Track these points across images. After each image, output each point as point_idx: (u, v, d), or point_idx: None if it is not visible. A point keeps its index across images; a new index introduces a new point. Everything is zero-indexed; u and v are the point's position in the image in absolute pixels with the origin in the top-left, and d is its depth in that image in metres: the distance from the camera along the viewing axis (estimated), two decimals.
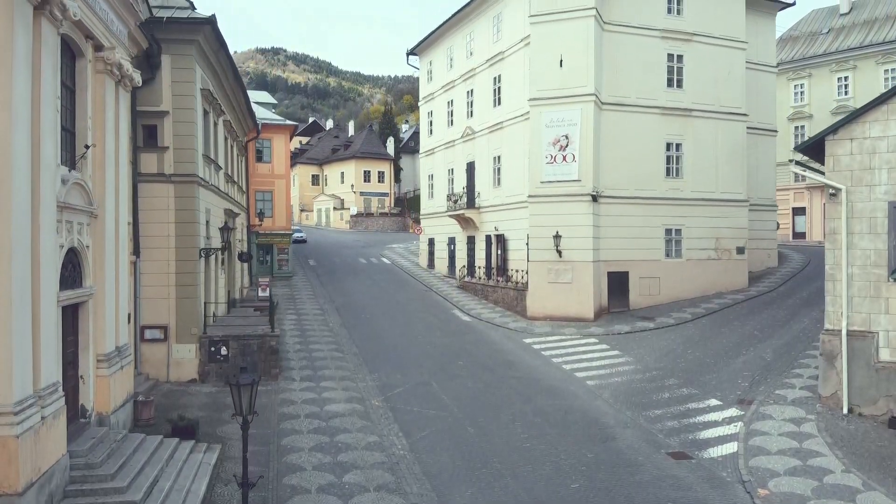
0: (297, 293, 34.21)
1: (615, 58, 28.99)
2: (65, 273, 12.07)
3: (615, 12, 28.99)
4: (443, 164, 40.26)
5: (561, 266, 27.65)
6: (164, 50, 18.62)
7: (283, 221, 38.95)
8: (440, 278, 38.78)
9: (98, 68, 13.54)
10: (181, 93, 19.02)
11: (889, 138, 16.45)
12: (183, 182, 18.99)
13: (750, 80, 33.28)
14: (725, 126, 31.19)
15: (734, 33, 31.31)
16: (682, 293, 30.06)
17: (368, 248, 53.95)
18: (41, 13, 10.27)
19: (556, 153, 28.05)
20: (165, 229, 18.86)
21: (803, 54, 49.95)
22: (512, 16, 31.76)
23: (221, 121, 24.26)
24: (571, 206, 27.67)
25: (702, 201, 30.60)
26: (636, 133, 29.40)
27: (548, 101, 28.11)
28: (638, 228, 29.29)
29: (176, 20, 18.39)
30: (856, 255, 16.79)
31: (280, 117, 42.64)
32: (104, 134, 13.67)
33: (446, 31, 38.96)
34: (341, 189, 77.46)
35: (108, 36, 13.75)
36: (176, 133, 18.97)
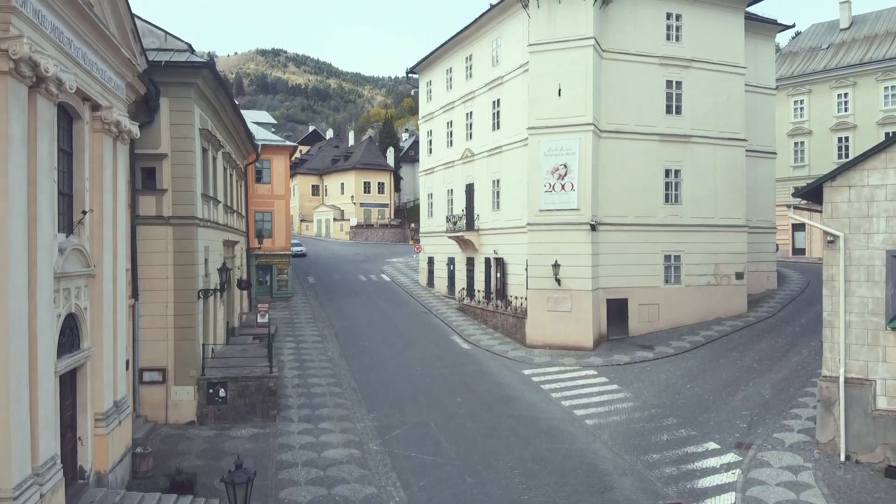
0: (296, 316, 34.23)
1: (614, 85, 29.01)
2: (63, 340, 12.11)
3: (614, 40, 29.00)
4: (442, 184, 40.28)
5: (560, 294, 27.66)
6: (162, 93, 18.65)
7: (282, 242, 38.97)
8: (439, 298, 38.80)
9: (96, 128, 13.58)
10: (180, 135, 19.03)
11: (888, 187, 16.47)
12: (182, 225, 18.99)
13: (749, 102, 33.34)
14: (724, 152, 31.21)
15: (733, 59, 31.32)
16: (682, 319, 30.07)
17: (368, 263, 53.98)
18: (37, 91, 10.31)
19: (554, 182, 28.06)
20: (164, 272, 18.87)
21: (803, 70, 49.94)
22: (510, 41, 31.77)
23: (220, 154, 24.28)
24: (570, 235, 27.69)
25: (701, 227, 30.61)
26: (635, 160, 29.43)
27: (546, 130, 28.12)
28: (637, 255, 29.31)
29: (174, 64, 18.40)
30: (853, 303, 16.80)
31: (279, 138, 42.64)
32: (102, 193, 13.70)
33: (445, 52, 38.97)
34: (341, 200, 77.50)
35: (106, 94, 13.79)
36: (175, 175, 18.98)
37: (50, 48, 10.74)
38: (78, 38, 12.03)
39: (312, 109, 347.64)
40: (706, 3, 30.61)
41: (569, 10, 27.63)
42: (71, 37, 11.69)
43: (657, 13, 29.75)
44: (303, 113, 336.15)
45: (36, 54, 9.79)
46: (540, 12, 28.15)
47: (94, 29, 12.50)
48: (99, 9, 12.89)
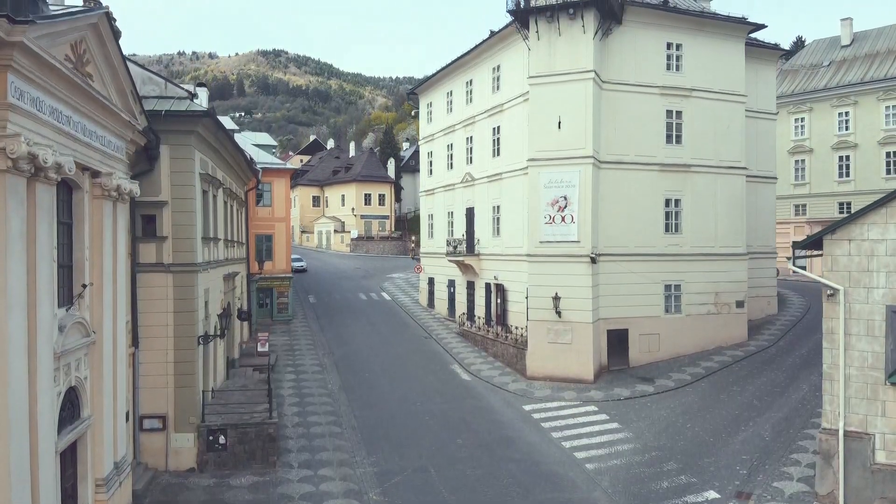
0: (296, 342, 34.25)
1: (614, 115, 29.01)
2: (63, 414, 12.13)
3: (614, 71, 29.00)
4: (442, 206, 40.30)
5: (560, 326, 27.67)
6: (162, 140, 18.63)
7: (283, 264, 39.02)
8: (440, 321, 38.83)
9: (95, 194, 13.62)
10: (180, 182, 19.05)
11: (888, 242, 16.46)
12: (182, 272, 19.01)
13: (749, 127, 33.34)
14: (725, 180, 31.21)
15: (734, 87, 31.31)
16: (682, 349, 30.07)
17: (368, 280, 54.00)
18: (36, 179, 10.33)
19: (554, 214, 28.07)
20: (164, 319, 18.88)
21: (804, 88, 49.92)
22: (510, 69, 31.77)
23: (221, 191, 24.29)
24: (570, 267, 27.69)
25: (701, 256, 30.61)
26: (635, 190, 29.43)
27: (546, 163, 28.13)
28: (637, 285, 29.31)
29: (175, 113, 18.43)
30: (853, 357, 16.79)
31: (280, 161, 42.70)
32: (102, 258, 13.73)
33: (446, 76, 38.99)
34: (342, 211, 77.54)
35: (106, 160, 13.81)
36: (175, 223, 19.00)
37: (48, 132, 10.78)
38: (78, 113, 12.05)
39: (313, 111, 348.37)
40: (707, 33, 30.61)
41: (569, 43, 27.63)
42: (70, 114, 11.72)
43: (657, 43, 29.74)
44: (303, 114, 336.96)
45: (35, 147, 9.81)
46: (540, 44, 28.15)
47: (94, 102, 12.53)
48: (98, 79, 12.91)
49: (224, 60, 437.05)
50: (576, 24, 27.44)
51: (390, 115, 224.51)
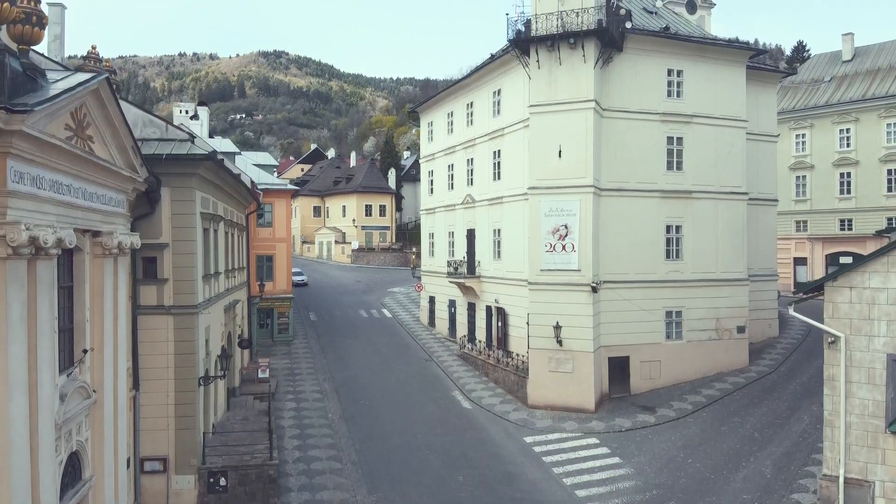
0: (296, 365, 34.24)
1: (615, 143, 29.00)
2: (65, 480, 12.14)
3: (614, 98, 28.99)
4: (443, 225, 40.30)
5: (561, 355, 27.66)
6: (163, 183, 18.63)
7: (283, 284, 39.02)
8: (440, 341, 38.83)
9: (96, 253, 13.63)
10: (181, 224, 19.04)
11: (889, 290, 16.45)
12: (182, 314, 19.01)
13: (750, 149, 33.32)
14: (726, 206, 31.18)
15: (735, 112, 31.30)
16: (683, 375, 30.05)
17: (369, 295, 53.99)
18: (36, 258, 10.33)
19: (555, 242, 28.06)
20: (165, 361, 18.88)
21: (805, 104, 49.88)
22: (511, 94, 31.77)
23: (222, 224, 24.29)
24: (571, 296, 27.68)
25: (702, 282, 30.58)
26: (636, 217, 29.42)
27: (547, 191, 28.12)
28: (638, 312, 29.29)
29: (175, 157, 18.40)
30: (854, 404, 16.80)
31: (281, 181, 42.68)
32: (102, 317, 13.73)
33: (446, 97, 39.02)
34: (343, 222, 77.57)
35: (107, 219, 13.82)
36: (176, 265, 18.99)
37: (49, 207, 10.79)
38: (79, 180, 12.06)
39: (314, 113, 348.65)
40: (708, 59, 30.59)
41: (569, 72, 27.62)
42: (71, 182, 11.73)
43: (658, 69, 29.73)
44: (304, 116, 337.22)
45: (35, 229, 9.81)
46: (540, 73, 28.14)
47: (95, 167, 12.53)
48: (99, 140, 12.93)
49: (225, 61, 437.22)
50: (576, 54, 27.42)
51: (391, 118, 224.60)
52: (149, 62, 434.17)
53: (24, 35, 10.44)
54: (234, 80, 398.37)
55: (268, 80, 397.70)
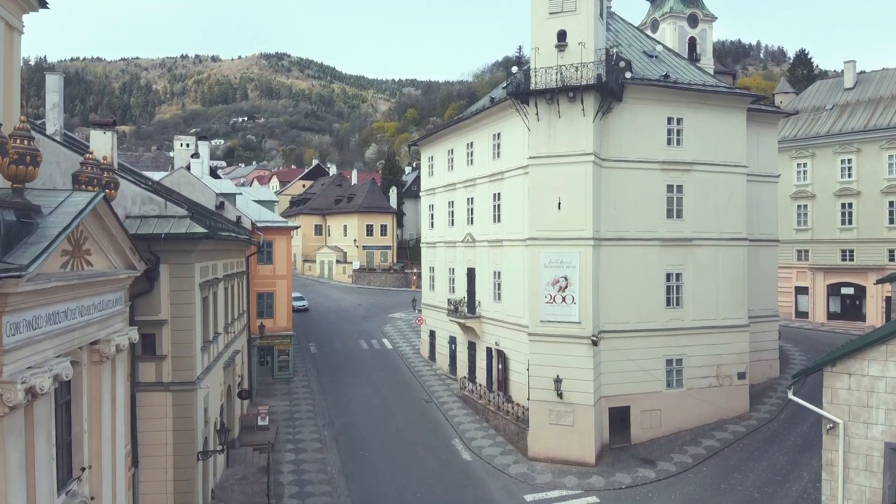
0: (296, 407, 34.23)
1: (614, 192, 28.95)
2: None
3: (614, 148, 28.95)
4: (444, 261, 40.30)
5: (562, 408, 27.63)
6: (162, 259, 18.70)
7: (283, 321, 39.05)
8: (441, 378, 38.82)
9: (94, 360, 13.62)
10: (180, 301, 19.07)
11: (887, 379, 16.39)
12: (181, 391, 19.04)
13: (751, 191, 33.29)
14: (726, 252, 31.12)
15: (735, 158, 31.24)
16: (684, 423, 30.00)
17: (370, 320, 54.00)
18: (34, 400, 10.32)
19: (555, 293, 28.04)
20: (163, 437, 18.91)
21: (806, 133, 49.77)
22: (511, 139, 31.74)
23: (221, 284, 24.31)
24: (572, 348, 27.64)
25: (703, 329, 30.52)
26: (636, 265, 29.37)
27: (546, 242, 28.10)
28: (639, 361, 29.24)
29: (174, 236, 18.43)
30: (851, 490, 16.75)
31: (281, 219, 42.67)
32: (101, 425, 13.73)
33: (447, 134, 39.03)
34: (344, 241, 77.63)
35: (105, 323, 13.82)
36: (175, 341, 19.03)
37: (45, 343, 10.78)
38: (76, 301, 12.06)
39: (316, 116, 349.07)
40: (708, 106, 30.54)
41: (568, 125, 27.59)
42: (68, 306, 11.73)
43: (658, 118, 29.68)
44: (306, 119, 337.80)
45: (31, 377, 9.81)
46: (539, 125, 28.11)
47: (93, 285, 12.53)
48: (97, 250, 12.93)
49: (227, 63, 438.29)
50: (575, 107, 27.39)
51: (392, 124, 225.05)
52: (151, 64, 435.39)
53: (18, 175, 10.45)
54: (236, 83, 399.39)
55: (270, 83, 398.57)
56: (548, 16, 27.65)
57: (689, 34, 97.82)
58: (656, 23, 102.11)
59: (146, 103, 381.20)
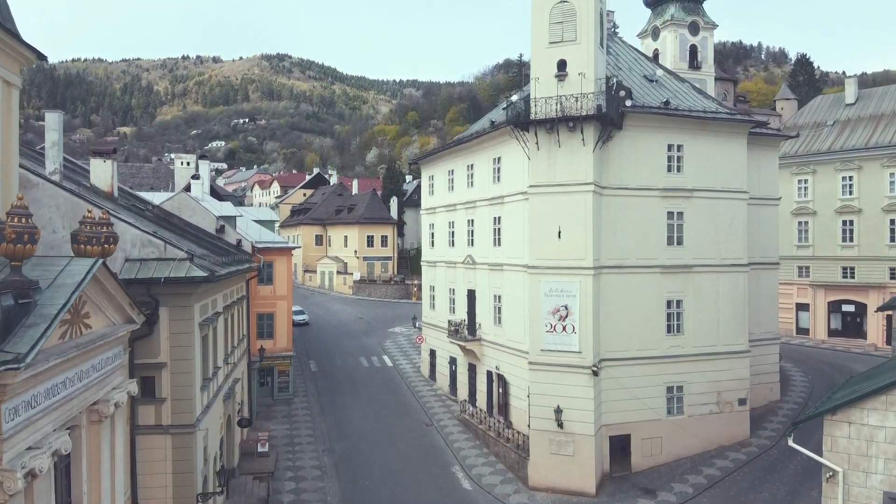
0: (296, 431, 34.19)
1: (615, 220, 28.92)
2: None
3: (614, 176, 28.91)
4: (444, 281, 40.28)
5: (562, 438, 27.60)
6: (162, 303, 18.68)
7: (284, 342, 39.04)
8: (441, 399, 38.81)
9: (93, 420, 13.61)
10: (180, 344, 19.03)
11: (887, 429, 16.36)
12: (181, 433, 19.01)
13: (751, 214, 33.22)
14: (727, 278, 31.08)
15: (736, 184, 31.20)
16: (684, 451, 29.95)
17: (370, 335, 53.99)
18: (33, 480, 10.31)
19: (555, 322, 28.01)
20: (163, 480, 18.87)
21: (807, 149, 49.72)
22: (511, 164, 31.70)
23: (221, 318, 24.29)
24: (572, 378, 27.61)
25: (703, 356, 30.48)
26: (636, 293, 29.33)
27: (547, 271, 28.08)
28: (640, 389, 29.20)
29: (174, 280, 18.40)
30: None
31: (282, 239, 42.66)
32: (100, 481, 13.72)
33: (447, 155, 39.03)
34: (344, 252, 77.67)
35: (104, 384, 13.81)
36: (174, 384, 19.00)
37: (44, 420, 10.77)
38: (75, 367, 12.05)
39: (317, 117, 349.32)
40: (708, 132, 30.52)
41: (568, 155, 27.58)
42: (66, 375, 11.72)
43: (658, 145, 29.65)
44: (307, 121, 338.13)
45: (30, 459, 9.80)
46: (539, 154, 28.10)
47: (92, 350, 12.52)
48: (96, 313, 12.92)
49: (228, 65, 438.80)
50: (575, 136, 27.37)
51: (393, 128, 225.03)
52: (152, 65, 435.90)
53: (16, 253, 10.44)
54: (236, 84, 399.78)
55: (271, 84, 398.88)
56: (548, 45, 27.63)
57: (690, 42, 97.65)
58: (657, 30, 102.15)
59: (147, 104, 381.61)
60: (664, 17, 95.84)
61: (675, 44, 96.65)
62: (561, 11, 27.39)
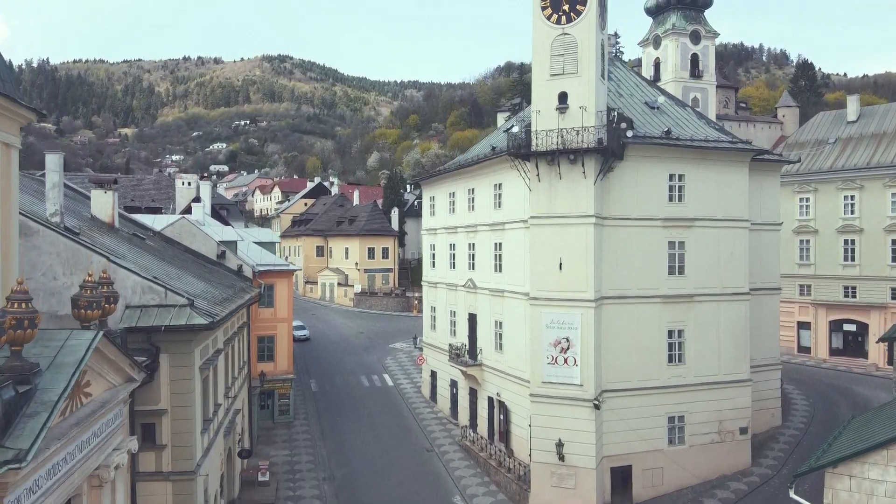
0: (297, 457, 34.11)
1: (616, 250, 28.85)
2: None
3: (615, 206, 28.85)
4: (445, 302, 40.24)
5: (564, 471, 27.55)
6: (162, 349, 18.68)
7: (284, 365, 39.00)
8: (442, 422, 38.76)
9: (93, 485, 13.58)
10: (180, 390, 19.02)
11: (887, 483, 16.33)
12: (181, 480, 19.00)
13: (753, 240, 33.11)
14: (728, 307, 31.02)
15: (737, 213, 31.13)
16: (686, 481, 29.88)
17: (371, 352, 53.98)
18: None
19: (557, 354, 27.97)
20: None
21: (809, 167, 49.64)
22: (512, 191, 31.62)
23: (222, 355, 24.27)
24: (574, 411, 27.57)
25: (705, 385, 30.40)
26: (638, 323, 29.28)
27: (548, 303, 28.04)
28: (641, 419, 29.13)
29: (174, 328, 18.39)
30: None
31: (283, 261, 42.61)
32: None
33: (448, 178, 38.99)
34: (345, 264, 77.67)
35: (104, 447, 13.77)
36: (174, 431, 18.99)
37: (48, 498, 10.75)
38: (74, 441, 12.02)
39: (318, 119, 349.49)
40: (710, 161, 30.44)
41: (569, 187, 27.54)
42: (68, 449, 11.68)
43: (660, 175, 29.59)
44: (308, 122, 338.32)
45: None
46: (540, 186, 28.06)
47: (93, 420, 12.49)
48: (97, 380, 12.89)
49: (230, 65, 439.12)
50: (576, 168, 27.32)
51: (394, 131, 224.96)
52: (153, 66, 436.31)
53: (16, 339, 10.41)
54: (238, 85, 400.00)
55: (272, 86, 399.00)
56: (549, 77, 27.60)
57: (691, 51, 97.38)
58: (658, 39, 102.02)
59: (148, 106, 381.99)
60: (665, 26, 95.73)
61: (677, 53, 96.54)
62: (562, 44, 27.34)
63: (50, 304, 18.44)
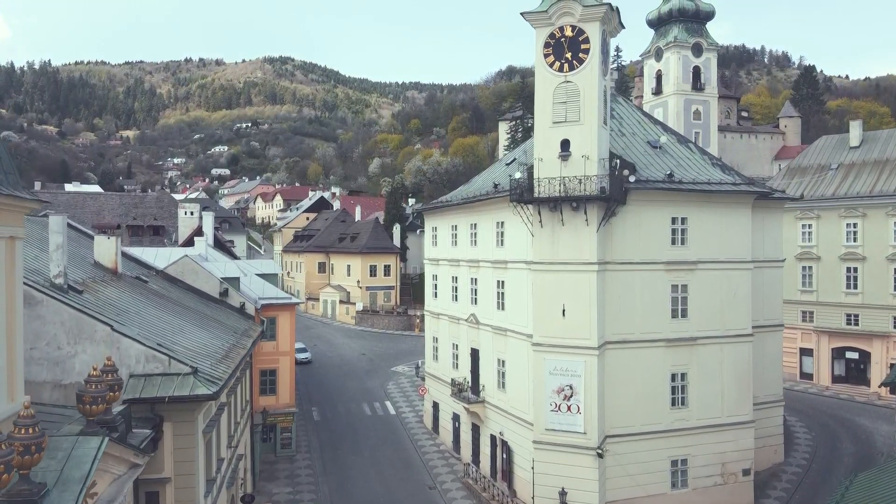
0: (299, 495, 33.92)
1: (619, 295, 28.84)
2: None
3: (618, 251, 28.84)
4: (447, 334, 40.20)
5: None
6: (166, 418, 18.65)
7: (286, 398, 38.95)
8: (444, 456, 38.72)
9: None
10: (184, 458, 18.99)
11: None
12: None
13: (755, 277, 33.01)
14: (731, 349, 30.99)
15: (740, 254, 31.11)
16: None
17: (373, 376, 53.96)
18: None
19: (560, 402, 27.96)
20: None
21: (812, 193, 49.56)
22: (514, 231, 31.55)
23: (226, 409, 24.23)
24: (577, 459, 27.56)
25: (708, 428, 30.39)
26: (641, 367, 29.27)
27: (551, 349, 28.05)
28: (644, 464, 29.14)
29: (178, 399, 18.36)
30: None
31: (285, 294, 42.58)
32: None
33: (450, 211, 38.95)
34: (347, 281, 77.65)
35: None
36: (178, 499, 18.96)
37: None
38: None
39: (320, 122, 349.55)
40: (713, 203, 30.44)
41: (572, 233, 27.54)
42: None
43: (662, 218, 29.57)
44: (310, 125, 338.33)
45: None
46: (543, 232, 28.06)
47: None
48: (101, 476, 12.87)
49: (231, 67, 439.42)
50: (579, 215, 27.33)
51: (396, 136, 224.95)
52: (155, 68, 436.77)
53: (24, 465, 10.41)
54: (239, 87, 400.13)
55: (274, 88, 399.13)
56: (551, 125, 27.59)
57: (693, 63, 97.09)
58: (660, 51, 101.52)
59: (150, 108, 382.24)
60: (667, 39, 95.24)
61: (679, 65, 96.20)
62: (565, 91, 27.33)
63: (54, 374, 18.48)
